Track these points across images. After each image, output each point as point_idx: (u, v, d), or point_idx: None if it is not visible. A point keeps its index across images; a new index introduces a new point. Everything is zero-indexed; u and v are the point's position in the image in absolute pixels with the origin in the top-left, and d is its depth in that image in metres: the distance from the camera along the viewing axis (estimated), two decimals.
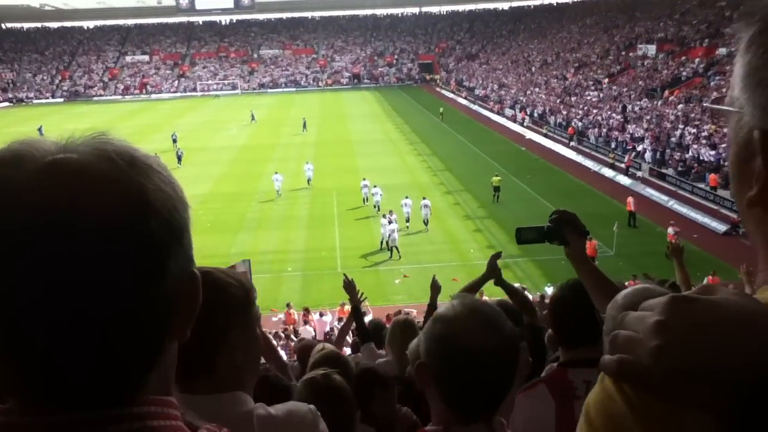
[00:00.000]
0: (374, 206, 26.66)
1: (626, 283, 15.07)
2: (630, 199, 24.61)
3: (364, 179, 28.81)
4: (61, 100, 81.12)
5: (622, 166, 31.91)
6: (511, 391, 1.62)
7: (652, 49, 48.50)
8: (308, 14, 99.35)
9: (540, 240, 2.39)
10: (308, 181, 31.84)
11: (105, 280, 0.62)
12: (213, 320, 1.37)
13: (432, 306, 5.93)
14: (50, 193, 0.61)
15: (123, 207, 0.63)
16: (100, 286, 0.62)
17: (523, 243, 2.41)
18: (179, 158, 35.78)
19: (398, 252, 21.81)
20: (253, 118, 53.56)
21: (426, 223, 24.53)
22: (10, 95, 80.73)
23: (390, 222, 22.03)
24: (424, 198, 25.21)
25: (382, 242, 22.54)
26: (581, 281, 2.48)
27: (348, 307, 8.47)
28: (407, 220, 24.56)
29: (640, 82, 43.37)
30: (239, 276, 1.60)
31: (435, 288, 5.75)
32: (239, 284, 1.54)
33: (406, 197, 25.30)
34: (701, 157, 29.25)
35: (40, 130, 47.89)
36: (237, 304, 1.51)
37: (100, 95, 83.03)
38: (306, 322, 15.88)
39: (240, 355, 1.49)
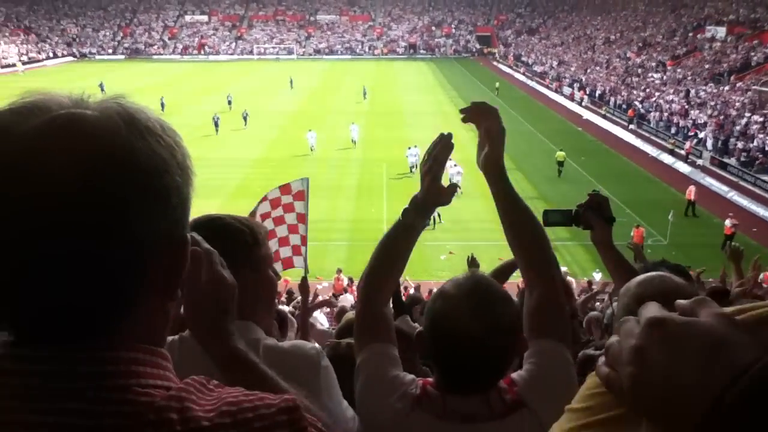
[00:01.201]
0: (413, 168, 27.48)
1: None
2: (691, 188, 23.81)
3: (409, 147, 28.57)
4: (122, 57, 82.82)
5: (682, 152, 30.85)
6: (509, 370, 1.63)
7: (721, 32, 46.42)
8: None
9: (566, 223, 2.38)
10: (353, 141, 33.55)
11: (62, 224, 0.66)
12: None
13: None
14: (39, 142, 0.67)
15: (101, 160, 0.68)
16: (64, 228, 0.66)
17: (549, 225, 2.33)
18: (244, 119, 36.82)
19: (440, 219, 21.94)
20: (291, 85, 53.56)
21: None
22: (74, 50, 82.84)
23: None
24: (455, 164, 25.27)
25: (411, 169, 22.67)
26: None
27: None
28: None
29: (707, 66, 41.66)
30: (249, 221, 1.72)
31: (473, 265, 5.58)
32: (247, 228, 1.64)
33: (450, 161, 25.24)
34: (767, 148, 28.03)
35: (101, 86, 49.11)
36: (243, 244, 1.60)
37: (160, 54, 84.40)
38: (345, 291, 16.00)
39: (250, 292, 1.53)
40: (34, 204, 0.65)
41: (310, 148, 32.37)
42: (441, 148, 1.82)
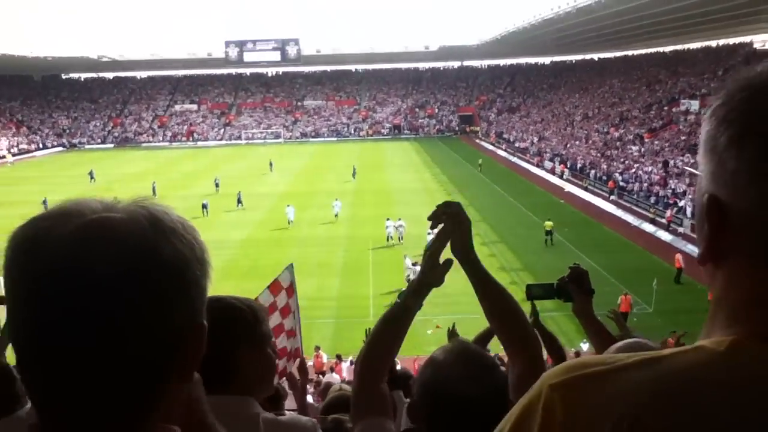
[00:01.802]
0: (399, 238, 29.56)
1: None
2: (678, 256, 24.09)
3: (387, 219, 30.61)
4: (112, 145, 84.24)
5: (663, 221, 31.32)
6: None
7: (695, 105, 48.02)
8: (352, 67, 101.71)
9: (548, 296, 2.49)
10: (335, 215, 35.02)
11: (106, 317, 0.75)
12: (221, 338, 1.47)
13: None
14: (79, 246, 0.75)
15: (134, 260, 0.76)
16: (102, 320, 0.75)
17: (532, 299, 2.50)
18: (239, 201, 37.50)
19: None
20: (271, 168, 54.24)
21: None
22: (65, 140, 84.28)
23: (415, 264, 22.57)
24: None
25: (407, 279, 22.69)
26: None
27: None
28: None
29: (683, 138, 42.88)
30: (249, 301, 1.81)
31: (453, 337, 5.69)
32: (247, 307, 1.74)
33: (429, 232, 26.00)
34: None
35: (90, 173, 49.77)
36: (245, 324, 1.70)
37: (149, 141, 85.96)
38: (332, 369, 15.78)
39: (250, 369, 1.64)
40: (75, 299, 0.73)
41: (288, 221, 33.87)
42: (441, 232, 1.95)
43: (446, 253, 1.91)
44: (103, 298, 0.75)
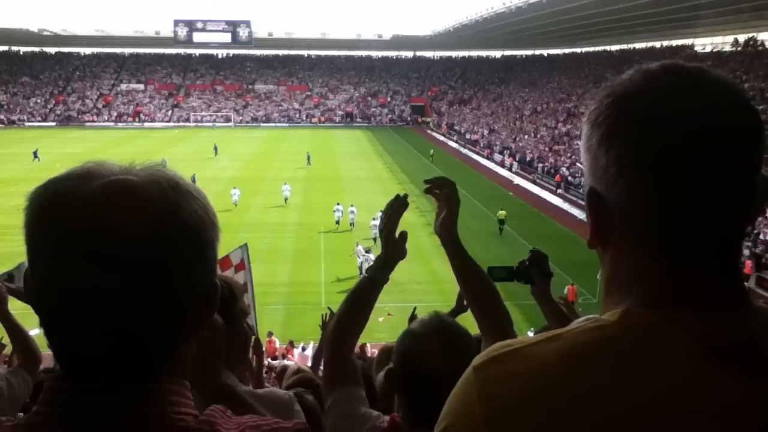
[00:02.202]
0: (350, 224, 29.99)
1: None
2: None
3: (337, 204, 31.05)
4: (54, 124, 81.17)
5: None
6: None
7: None
8: (304, 52, 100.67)
9: (509, 278, 2.57)
10: (285, 200, 35.50)
11: (134, 278, 0.76)
12: None
13: None
14: (103, 205, 0.77)
15: (159, 220, 0.79)
16: (130, 281, 0.76)
17: (493, 281, 2.57)
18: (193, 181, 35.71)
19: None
20: (216, 152, 53.37)
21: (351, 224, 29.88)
22: (2, 117, 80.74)
23: (368, 251, 23.16)
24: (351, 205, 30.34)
25: (360, 269, 22.83)
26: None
27: None
28: (375, 240, 26.44)
29: None
30: (227, 278, 1.87)
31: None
32: (225, 284, 1.73)
33: (374, 218, 27.54)
34: None
35: (35, 153, 47.84)
36: (223, 300, 1.69)
37: (93, 121, 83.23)
38: (284, 356, 15.81)
39: (228, 345, 1.66)
40: (99, 260, 0.75)
41: (234, 203, 34.15)
42: (397, 207, 2.07)
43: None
44: (127, 259, 0.76)
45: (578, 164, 41.86)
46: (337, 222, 30.46)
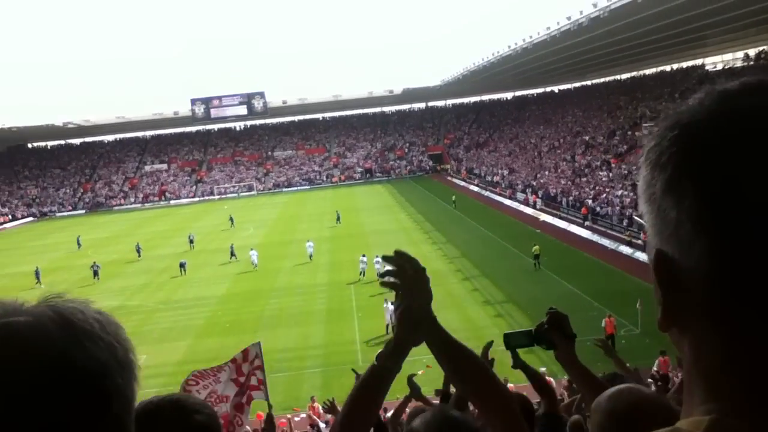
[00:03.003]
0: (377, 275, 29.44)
1: (656, 362, 14.50)
2: None
3: (363, 255, 31.55)
4: (83, 211, 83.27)
5: (640, 242, 31.75)
6: None
7: None
8: (319, 115, 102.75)
9: (528, 344, 2.36)
10: (310, 257, 36.41)
11: None
12: None
13: (445, 395, 5.79)
14: None
15: (40, 374, 0.65)
16: None
17: (511, 348, 2.36)
18: (182, 266, 36.23)
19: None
20: (232, 223, 53.23)
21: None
22: (34, 210, 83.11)
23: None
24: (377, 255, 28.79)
25: (387, 327, 22.43)
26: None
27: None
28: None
29: None
30: (203, 402, 1.75)
31: (413, 389, 5.70)
32: (205, 409, 1.66)
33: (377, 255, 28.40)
34: None
35: (78, 240, 49.44)
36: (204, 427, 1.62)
37: (120, 204, 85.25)
38: (327, 423, 15.49)
39: None
40: None
41: (252, 265, 35.55)
42: (416, 288, 1.75)
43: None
44: (3, 425, 0.63)
45: (603, 195, 41.49)
46: (362, 273, 30.88)
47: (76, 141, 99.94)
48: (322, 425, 14.47)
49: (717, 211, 0.59)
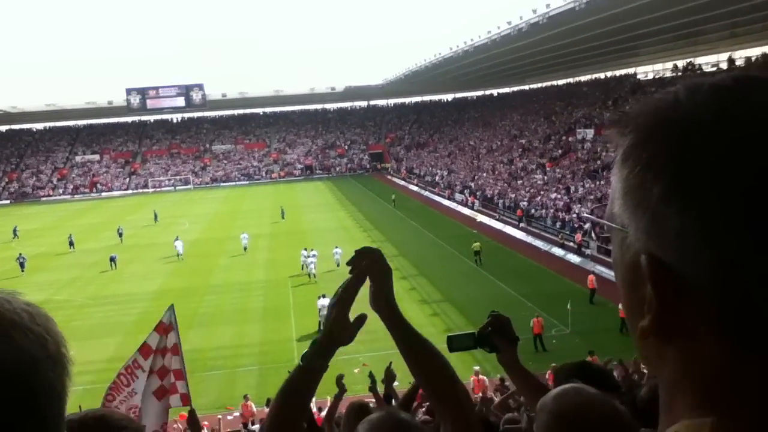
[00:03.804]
0: (309, 275, 30.04)
1: (588, 359, 14.99)
2: (591, 277, 25.08)
3: (304, 249, 32.11)
4: (8, 201, 79.55)
5: (572, 244, 32.71)
6: None
7: (590, 133, 50.96)
8: (259, 110, 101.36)
9: (471, 347, 2.37)
10: (244, 248, 36.95)
11: None
12: None
13: (388, 396, 5.84)
14: None
15: None
16: None
17: (454, 351, 2.35)
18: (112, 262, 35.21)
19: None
20: (156, 218, 52.26)
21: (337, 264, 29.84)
22: None
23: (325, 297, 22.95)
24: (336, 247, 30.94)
25: (320, 325, 22.25)
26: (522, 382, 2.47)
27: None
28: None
29: (582, 165, 45.25)
30: (129, 417, 1.68)
31: (389, 376, 5.71)
32: (131, 424, 1.59)
33: (336, 247, 30.97)
34: None
35: (15, 230, 48.08)
36: None
37: (49, 195, 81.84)
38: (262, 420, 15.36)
39: None
40: None
41: (177, 255, 36.08)
42: (354, 278, 1.77)
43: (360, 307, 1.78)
44: None
45: (538, 198, 42.57)
46: (303, 267, 31.00)
47: (2, 128, 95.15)
48: (255, 427, 14.33)
49: (728, 222, 0.56)
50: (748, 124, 0.57)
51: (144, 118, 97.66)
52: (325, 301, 23.09)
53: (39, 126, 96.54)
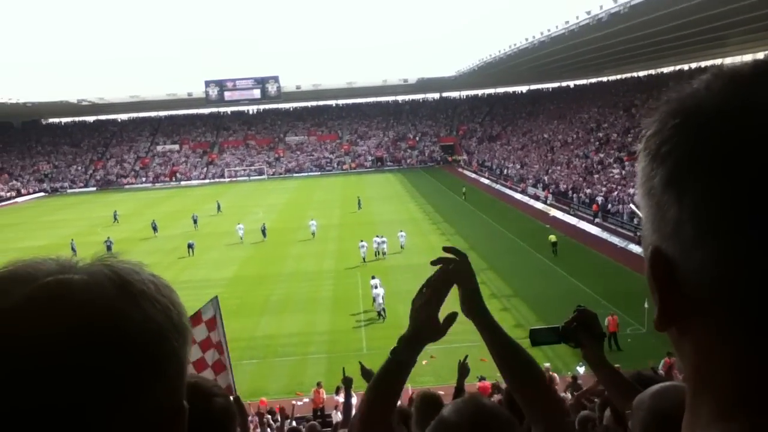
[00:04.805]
0: (382, 253, 33.24)
1: (661, 363, 14.37)
2: None
3: (376, 236, 34.14)
4: (94, 188, 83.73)
5: None
6: None
7: None
8: (332, 102, 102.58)
9: (554, 341, 2.32)
10: (313, 234, 39.06)
11: (66, 409, 0.60)
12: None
13: (459, 389, 5.76)
14: (27, 320, 0.61)
15: (93, 332, 0.63)
16: (61, 416, 0.60)
17: (537, 345, 2.31)
18: (190, 246, 36.89)
19: (384, 315, 23.53)
20: (219, 209, 53.03)
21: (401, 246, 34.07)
22: (46, 186, 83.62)
23: (376, 287, 23.94)
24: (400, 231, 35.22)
25: (374, 303, 24.00)
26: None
27: None
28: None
29: None
30: (217, 384, 1.76)
31: (463, 371, 5.61)
32: (221, 391, 1.68)
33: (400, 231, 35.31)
34: None
35: (115, 215, 50.65)
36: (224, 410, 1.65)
37: (131, 183, 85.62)
38: (336, 408, 15.54)
39: None
40: (16, 385, 0.59)
41: (240, 239, 38.87)
42: (443, 279, 1.79)
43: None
44: (58, 385, 0.59)
45: (615, 193, 41.23)
46: (364, 259, 32.26)
47: (90, 118, 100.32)
48: (338, 415, 14.45)
49: (726, 211, 0.54)
50: (757, 114, 0.54)
51: (221, 109, 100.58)
52: (376, 282, 24.57)
53: (123, 116, 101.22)
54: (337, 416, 14.24)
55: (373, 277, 25.19)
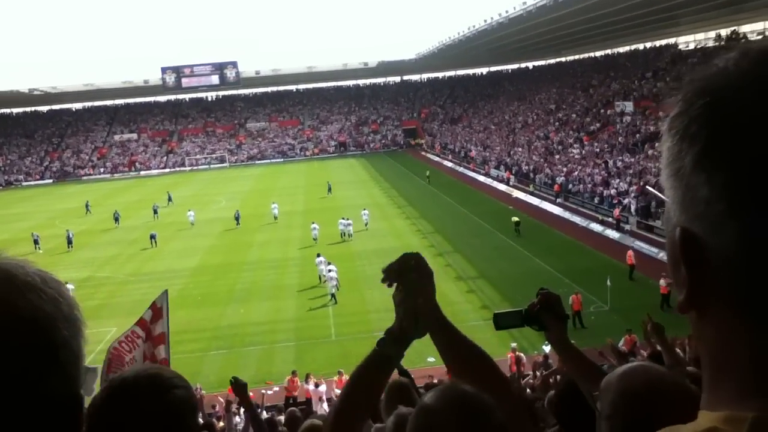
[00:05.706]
0: (348, 235, 34.16)
1: (621, 340, 14.70)
2: (630, 253, 24.74)
3: (342, 218, 35.10)
4: (51, 181, 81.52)
5: (611, 220, 32.15)
6: None
7: (629, 106, 49.72)
8: (292, 87, 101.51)
9: (518, 324, 2.32)
10: (275, 218, 40.01)
11: None
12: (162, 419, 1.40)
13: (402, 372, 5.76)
14: None
15: None
16: None
17: (501, 329, 2.31)
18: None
19: (334, 299, 23.79)
20: (170, 200, 51.33)
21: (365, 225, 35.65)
22: None
23: (326, 265, 24.92)
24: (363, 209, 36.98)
25: (320, 280, 25.16)
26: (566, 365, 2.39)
27: (346, 377, 8.02)
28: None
29: (620, 139, 44.27)
30: (179, 375, 1.65)
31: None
32: (182, 382, 1.57)
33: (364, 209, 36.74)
34: None
35: (87, 205, 49.48)
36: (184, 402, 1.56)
37: (89, 174, 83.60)
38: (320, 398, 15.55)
39: None
40: None
41: (191, 224, 39.64)
42: (418, 276, 1.72)
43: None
44: None
45: (575, 173, 41.86)
46: (315, 239, 32.99)
47: (43, 108, 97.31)
48: (325, 406, 14.40)
49: (755, 190, 0.53)
50: None
51: (179, 96, 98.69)
52: (321, 260, 26.00)
53: (78, 106, 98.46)
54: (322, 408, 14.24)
55: (318, 255, 25.76)
